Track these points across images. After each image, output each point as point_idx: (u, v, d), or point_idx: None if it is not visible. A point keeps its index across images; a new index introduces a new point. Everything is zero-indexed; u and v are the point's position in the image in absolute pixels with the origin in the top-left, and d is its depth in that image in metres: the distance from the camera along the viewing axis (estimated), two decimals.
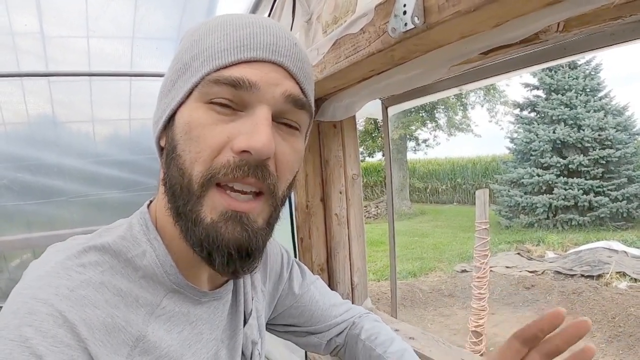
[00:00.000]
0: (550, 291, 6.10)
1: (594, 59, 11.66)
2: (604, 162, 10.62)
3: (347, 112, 1.16)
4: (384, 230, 9.60)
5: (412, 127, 15.73)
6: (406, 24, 0.61)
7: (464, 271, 7.41)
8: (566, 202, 10.65)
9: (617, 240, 7.95)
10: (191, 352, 0.53)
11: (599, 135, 10.69)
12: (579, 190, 10.60)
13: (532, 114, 12.25)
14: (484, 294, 4.37)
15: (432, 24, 0.60)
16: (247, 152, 0.44)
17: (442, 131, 16.36)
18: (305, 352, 1.51)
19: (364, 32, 0.75)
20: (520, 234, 10.21)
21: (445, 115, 16.01)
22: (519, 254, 8.20)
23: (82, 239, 0.50)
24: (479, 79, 0.97)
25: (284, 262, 0.79)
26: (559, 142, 11.12)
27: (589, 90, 11.34)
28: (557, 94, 11.45)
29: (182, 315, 0.52)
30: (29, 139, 1.87)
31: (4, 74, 1.75)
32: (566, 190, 10.72)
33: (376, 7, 0.71)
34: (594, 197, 10.45)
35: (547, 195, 10.95)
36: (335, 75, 0.89)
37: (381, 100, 1.31)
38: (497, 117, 15.78)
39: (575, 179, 10.80)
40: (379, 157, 18.27)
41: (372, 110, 1.36)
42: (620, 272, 6.14)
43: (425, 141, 16.87)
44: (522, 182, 11.53)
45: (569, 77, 11.40)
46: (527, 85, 12.41)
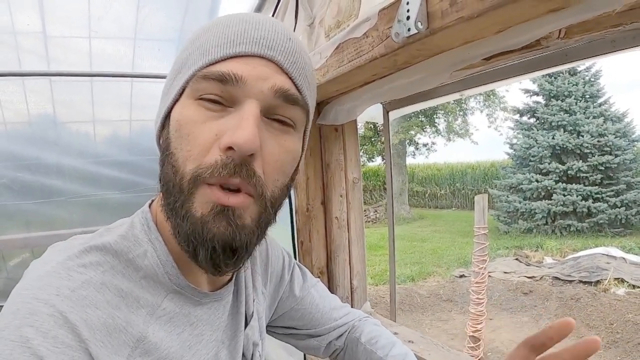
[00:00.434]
0: (548, 297, 6.09)
1: (594, 66, 11.72)
2: (603, 168, 10.64)
3: (349, 116, 1.16)
4: (383, 234, 9.60)
5: (412, 132, 15.76)
6: (409, 29, 0.62)
7: (463, 276, 7.40)
8: (565, 208, 10.66)
9: (615, 246, 7.95)
10: (191, 353, 0.52)
11: (598, 141, 10.72)
12: (577, 196, 10.62)
13: (532, 120, 12.29)
14: (482, 299, 4.37)
15: (435, 29, 0.60)
16: (231, 148, 0.44)
17: (442, 136, 16.39)
18: (304, 355, 1.51)
19: (367, 37, 0.76)
20: (518, 240, 10.21)
21: (445, 120, 16.04)
22: (517, 259, 8.19)
23: (83, 238, 0.50)
24: (480, 84, 0.98)
25: (285, 264, 0.79)
26: (558, 148, 11.15)
27: (588, 96, 11.38)
28: (557, 100, 11.49)
29: (182, 316, 0.52)
30: (29, 138, 1.87)
31: (6, 73, 1.75)
32: (565, 196, 10.73)
33: (380, 12, 0.71)
34: (592, 203, 10.47)
35: (546, 201, 10.97)
36: (337, 79, 0.90)
37: (382, 104, 1.31)
38: (496, 122, 15.82)
39: (574, 185, 10.82)
40: (378, 161, 18.30)
41: (372, 114, 1.37)
42: (618, 278, 6.14)
43: (425, 145, 16.90)
44: (521, 188, 11.55)
45: (568, 84, 11.44)
46: (526, 91, 12.46)
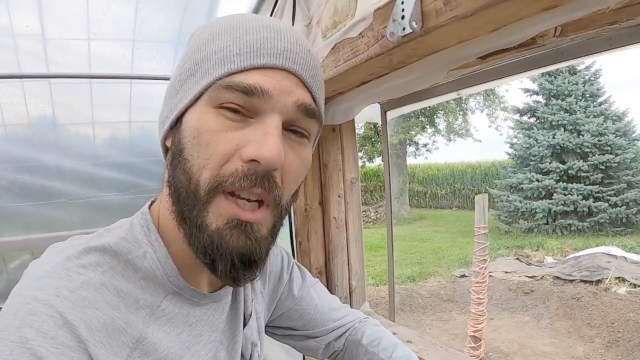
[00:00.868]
0: (549, 296, 6.08)
1: (594, 65, 11.72)
2: (604, 167, 10.61)
3: (346, 115, 1.16)
4: (384, 235, 9.57)
5: (412, 132, 15.74)
6: (404, 29, 0.62)
7: (463, 276, 7.39)
8: (565, 208, 10.64)
9: (616, 245, 7.94)
10: (190, 354, 0.52)
11: (599, 140, 10.70)
12: (578, 195, 10.60)
13: (532, 120, 12.27)
14: (482, 299, 4.37)
15: (430, 28, 0.60)
16: (255, 161, 0.44)
17: (442, 136, 16.37)
18: (303, 356, 1.51)
19: (362, 37, 0.76)
20: (519, 239, 10.19)
21: (445, 120, 16.03)
22: (518, 259, 8.18)
23: (83, 239, 0.50)
24: (477, 83, 0.98)
25: (284, 264, 0.78)
26: (558, 147, 11.13)
27: (588, 95, 11.36)
28: (557, 100, 11.47)
29: (181, 316, 0.52)
30: (29, 140, 1.87)
31: (5, 75, 1.75)
32: (565, 195, 10.71)
33: (375, 11, 0.71)
34: (593, 202, 10.45)
35: (547, 200, 10.95)
36: (334, 79, 0.90)
37: (380, 104, 1.31)
38: (496, 122, 15.77)
39: (574, 184, 10.80)
40: (378, 162, 18.28)
41: (371, 114, 1.37)
42: (619, 277, 6.13)
43: (425, 145, 16.89)
44: (522, 187, 11.53)
45: (568, 83, 11.42)
46: (526, 90, 12.44)
